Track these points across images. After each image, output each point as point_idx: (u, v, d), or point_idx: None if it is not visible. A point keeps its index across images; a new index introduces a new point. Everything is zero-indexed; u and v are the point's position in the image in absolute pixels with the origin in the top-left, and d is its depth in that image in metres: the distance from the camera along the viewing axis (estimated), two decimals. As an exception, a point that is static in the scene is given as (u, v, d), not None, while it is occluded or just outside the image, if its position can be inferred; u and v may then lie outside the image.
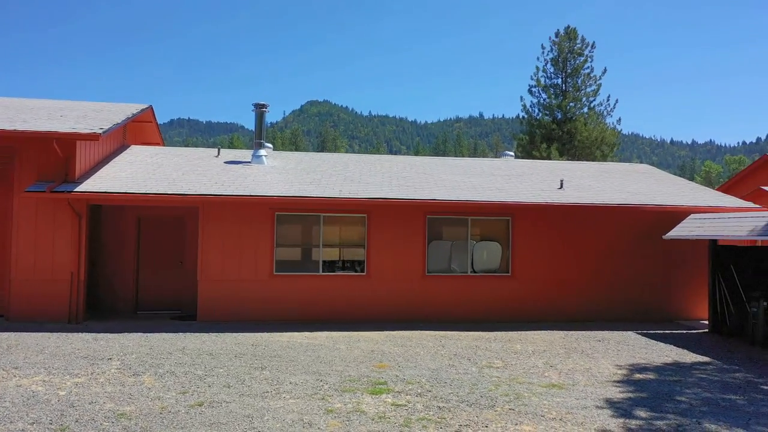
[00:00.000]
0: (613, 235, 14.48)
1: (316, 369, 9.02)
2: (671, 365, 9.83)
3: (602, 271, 14.40)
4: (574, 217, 14.33)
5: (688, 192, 15.70)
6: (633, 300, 14.43)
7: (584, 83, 39.05)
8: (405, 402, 7.39)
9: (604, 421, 6.78)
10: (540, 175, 16.65)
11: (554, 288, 14.23)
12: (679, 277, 14.60)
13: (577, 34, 39.76)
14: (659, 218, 14.26)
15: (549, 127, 38.21)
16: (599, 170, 18.25)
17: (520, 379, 8.65)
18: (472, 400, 7.51)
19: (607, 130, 38.21)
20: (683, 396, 7.92)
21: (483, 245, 14.30)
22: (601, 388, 8.27)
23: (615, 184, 16.04)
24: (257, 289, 13.33)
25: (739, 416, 7.05)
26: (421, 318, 13.70)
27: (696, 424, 6.71)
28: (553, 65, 39.75)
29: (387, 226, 13.79)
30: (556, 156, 35.55)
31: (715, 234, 12.19)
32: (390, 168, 16.57)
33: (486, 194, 14.07)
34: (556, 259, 14.30)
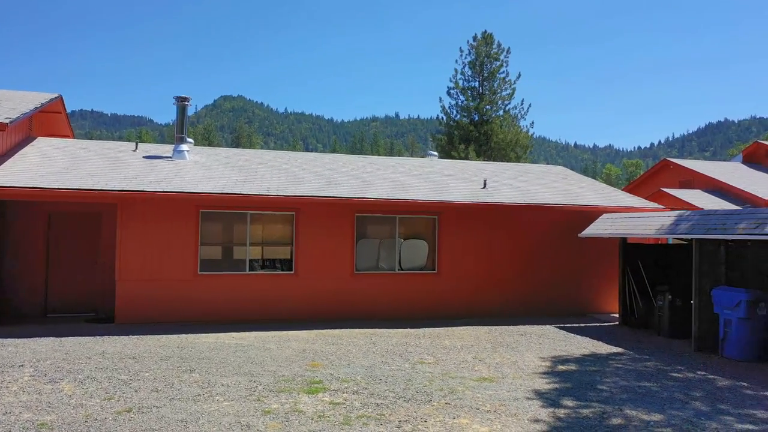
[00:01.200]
0: (533, 233, 15.11)
1: (248, 370, 8.83)
2: (589, 356, 10.39)
3: (523, 268, 14.99)
4: (498, 216, 14.83)
5: (600, 193, 16.65)
6: (551, 295, 15.12)
7: (500, 87, 40.49)
8: (342, 400, 7.38)
9: (536, 412, 7.07)
10: (464, 175, 17.10)
11: (479, 285, 14.67)
12: (593, 273, 15.45)
13: (494, 39, 41.13)
14: (575, 217, 15.02)
15: (467, 128, 39.30)
16: (518, 171, 18.99)
17: (452, 374, 8.85)
18: (409, 396, 7.62)
19: (521, 133, 39.84)
20: (604, 385, 8.39)
21: (410, 243, 14.51)
22: (529, 380, 8.62)
23: (534, 185, 16.75)
24: (181, 288, 12.84)
25: (655, 402, 7.56)
26: (351, 316, 13.71)
27: (618, 411, 7.13)
28: (470, 68, 40.92)
29: (316, 225, 13.68)
30: (474, 157, 36.62)
31: (626, 233, 13.00)
32: (318, 166, 16.46)
33: (414, 193, 14.28)
34: (480, 256, 14.74)
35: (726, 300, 10.42)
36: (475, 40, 41.25)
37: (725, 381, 8.76)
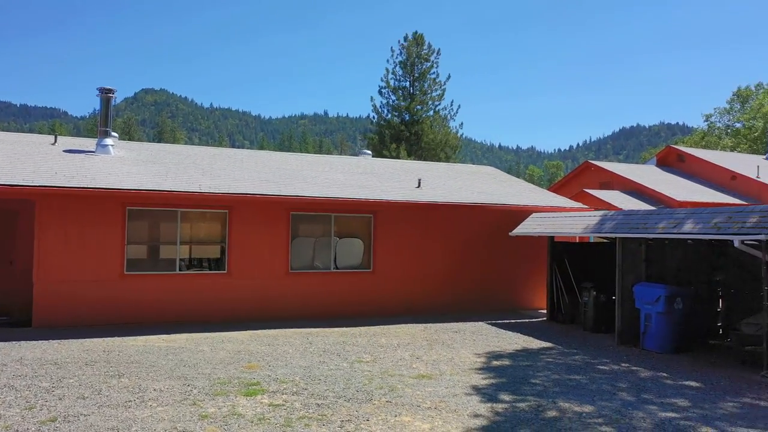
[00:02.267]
0: (466, 232, 15.41)
1: (181, 373, 8.52)
2: (521, 351, 10.71)
3: (457, 266, 15.27)
4: (432, 215, 15.03)
5: (529, 193, 17.21)
6: (483, 292, 15.48)
7: (431, 88, 41.10)
8: (282, 402, 7.25)
9: (475, 407, 7.21)
10: (399, 174, 17.23)
11: (413, 283, 14.81)
12: (522, 270, 15.94)
13: (425, 40, 41.67)
14: (506, 217, 15.44)
15: (398, 128, 39.64)
16: (451, 171, 19.33)
17: (391, 372, 8.89)
18: (349, 395, 7.59)
19: (450, 134, 40.63)
20: (537, 379, 8.67)
21: (346, 242, 14.46)
22: (466, 376, 8.79)
23: (467, 185, 17.10)
24: (106, 290, 12.23)
25: (585, 394, 7.89)
26: (286, 316, 13.50)
27: (552, 404, 7.39)
28: (402, 68, 41.29)
29: (249, 223, 13.39)
30: (405, 156, 36.98)
31: (554, 231, 13.50)
32: (251, 163, 16.11)
33: (349, 192, 14.25)
34: (415, 255, 14.89)
35: (646, 295, 11.01)
36: (406, 41, 41.64)
37: (647, 372, 9.25)
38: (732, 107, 58.99)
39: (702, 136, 61.17)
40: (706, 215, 10.22)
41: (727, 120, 59.05)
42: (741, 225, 9.26)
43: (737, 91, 58.80)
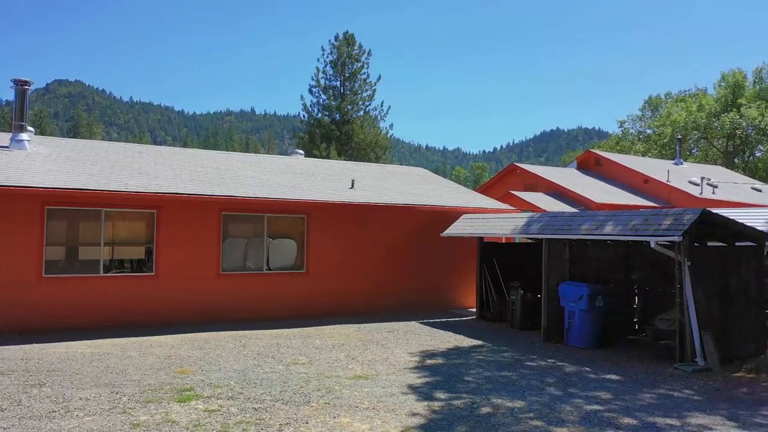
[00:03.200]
0: (399, 232, 15.61)
1: (108, 381, 8.19)
2: (454, 350, 10.98)
3: (389, 267, 15.43)
4: (366, 216, 15.11)
5: (459, 194, 17.63)
6: (416, 292, 15.72)
7: (361, 88, 41.29)
8: (218, 407, 7.12)
9: (412, 406, 7.34)
10: (332, 175, 17.21)
11: (347, 283, 14.85)
12: (453, 270, 16.31)
13: (355, 40, 41.80)
14: (438, 217, 15.75)
15: (328, 127, 39.58)
16: (384, 172, 19.50)
17: (327, 373, 8.90)
18: (287, 398, 7.54)
19: (381, 134, 40.98)
20: (470, 376, 8.92)
21: (279, 242, 14.31)
22: (402, 375, 8.92)
23: (399, 186, 17.31)
24: (22, 294, 11.53)
25: (516, 390, 8.19)
26: (218, 318, 13.20)
27: (486, 400, 7.63)
28: (332, 68, 41.24)
29: (179, 223, 13.00)
30: (335, 156, 36.95)
31: (484, 232, 13.91)
32: (180, 161, 15.64)
33: (282, 192, 14.11)
34: (348, 255, 14.92)
35: (570, 294, 11.54)
36: (337, 40, 41.63)
37: (572, 367, 9.71)
38: (644, 114, 62.62)
39: (617, 141, 64.54)
40: (625, 218, 10.84)
41: (639, 126, 62.63)
42: (657, 227, 9.89)
43: (648, 100, 62.49)
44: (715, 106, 53.69)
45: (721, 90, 56.86)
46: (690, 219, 9.57)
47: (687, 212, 9.95)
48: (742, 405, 7.62)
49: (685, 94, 60.86)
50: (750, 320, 10.62)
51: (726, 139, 51.77)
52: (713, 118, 51.92)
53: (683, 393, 8.18)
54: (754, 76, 56.38)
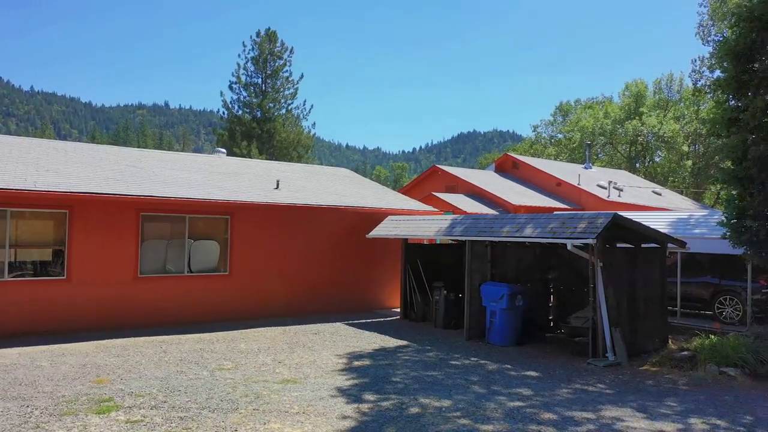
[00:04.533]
0: (325, 233, 15.57)
1: (17, 393, 7.70)
2: (380, 350, 11.10)
3: (315, 268, 15.36)
4: (292, 217, 14.97)
5: (384, 196, 17.80)
6: (341, 293, 15.75)
7: (283, 86, 40.74)
8: (140, 417, 6.87)
9: (342, 409, 7.38)
10: (256, 175, 16.91)
11: (272, 285, 14.65)
12: (379, 271, 16.46)
13: (278, 37, 41.20)
14: (363, 219, 15.85)
15: (249, 125, 38.80)
16: (309, 172, 19.38)
17: (254, 378, 8.77)
18: (214, 406, 7.38)
19: (303, 133, 40.63)
20: (397, 377, 9.06)
21: (201, 244, 13.90)
22: (330, 378, 8.93)
23: (325, 186, 17.26)
24: None
25: (442, 389, 8.41)
26: (137, 324, 12.65)
27: (414, 400, 7.79)
28: (254, 64, 40.44)
29: (93, 224, 12.36)
30: (256, 154, 36.30)
31: (409, 234, 14.13)
32: (94, 158, 14.86)
33: (205, 192, 13.73)
34: (273, 257, 14.73)
35: (492, 294, 11.96)
36: (258, 36, 40.87)
37: (494, 365, 10.07)
38: (555, 119, 65.67)
39: (530, 144, 67.30)
40: (544, 221, 11.36)
41: (551, 131, 65.62)
42: (572, 230, 10.43)
43: (559, 106, 65.59)
44: (619, 114, 57.11)
45: (625, 99, 60.59)
46: (603, 223, 10.17)
47: (600, 216, 10.56)
48: (648, 396, 8.19)
49: (593, 102, 64.39)
50: (654, 317, 11.42)
51: (629, 144, 55.17)
52: (618, 125, 55.20)
53: (596, 387, 8.68)
54: (654, 87, 60.45)
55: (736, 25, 10.62)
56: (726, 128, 10.66)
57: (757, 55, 10.30)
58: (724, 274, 14.00)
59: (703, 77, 32.51)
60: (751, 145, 10.06)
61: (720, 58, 10.82)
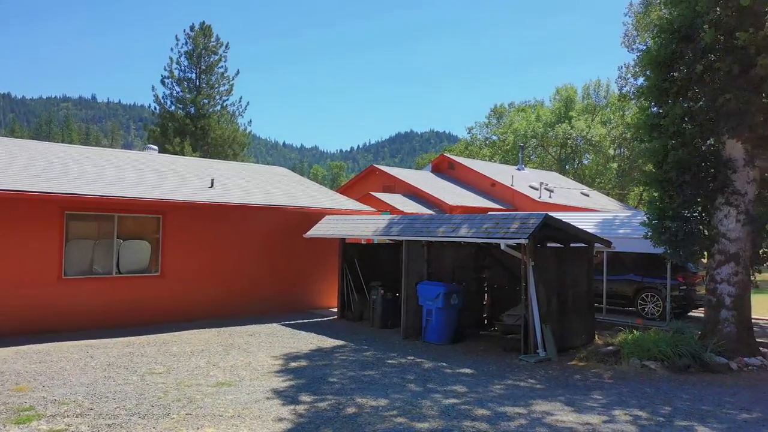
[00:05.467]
0: (261, 233, 15.34)
1: (-73, 404, 7.20)
2: (317, 351, 11.05)
3: (251, 268, 15.10)
4: (227, 216, 14.67)
5: (322, 195, 17.72)
6: (278, 294, 15.55)
7: (218, 82, 39.79)
8: (64, 426, 6.58)
9: (278, 411, 7.30)
10: (190, 173, 16.46)
11: (206, 286, 14.30)
12: (316, 271, 16.37)
13: (213, 31, 40.19)
14: (301, 218, 15.71)
15: (182, 121, 37.68)
16: (245, 171, 19.02)
17: (187, 382, 8.55)
18: (144, 412, 7.15)
19: (239, 131, 39.86)
20: (334, 377, 9.05)
21: (131, 244, 13.40)
22: (266, 380, 8.82)
23: (261, 185, 17.00)
24: None
25: (379, 388, 8.46)
26: (60, 327, 12.04)
27: (351, 401, 7.80)
28: (187, 59, 39.31)
29: (12, 223, 11.69)
30: (190, 151, 35.31)
31: (347, 234, 14.13)
32: (13, 154, 14.05)
33: (135, 190, 13.25)
34: (208, 257, 14.38)
35: (428, 293, 12.12)
36: (192, 30, 39.77)
37: (430, 363, 10.21)
38: (490, 122, 67.25)
39: (466, 145, 68.63)
40: (478, 221, 11.61)
41: (485, 132, 67.16)
42: (506, 230, 10.72)
43: (494, 108, 67.22)
44: (550, 117, 59.14)
45: (555, 103, 62.81)
46: (534, 223, 10.50)
47: (532, 217, 10.90)
48: (576, 390, 8.52)
49: (526, 105, 66.37)
50: (582, 313, 11.89)
51: (559, 147, 57.19)
52: (549, 128, 57.14)
53: (528, 383, 8.96)
54: (582, 92, 62.92)
55: (657, 36, 11.20)
56: (648, 133, 11.23)
57: (676, 65, 10.89)
58: (646, 272, 14.75)
59: (628, 84, 34.17)
60: (671, 150, 10.63)
61: (643, 67, 11.38)
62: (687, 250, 10.84)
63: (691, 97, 10.90)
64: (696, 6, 10.48)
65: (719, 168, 10.59)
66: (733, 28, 10.22)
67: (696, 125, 10.75)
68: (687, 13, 10.65)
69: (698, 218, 11.02)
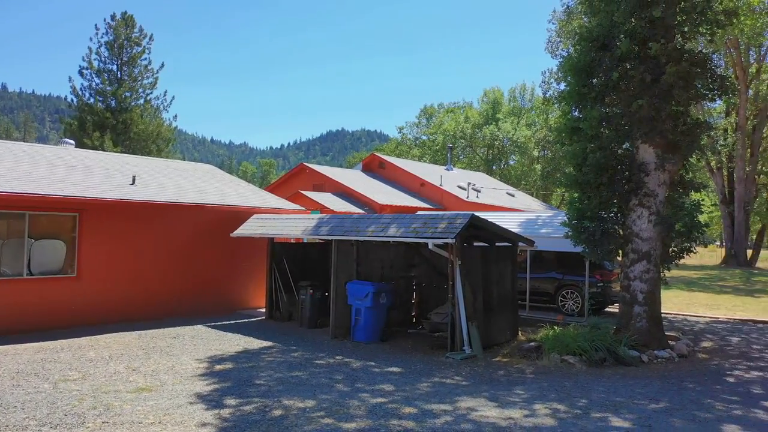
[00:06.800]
0: (186, 232, 14.86)
1: None
2: (243, 353, 10.83)
3: (175, 268, 14.60)
4: (150, 215, 14.11)
5: (250, 193, 17.37)
6: (204, 294, 15.12)
7: (142, 74, 38.24)
8: (-34, 440, 6.14)
9: (201, 416, 7.11)
10: (109, 169, 15.72)
11: (127, 288, 13.70)
12: (244, 270, 16.03)
13: (135, 22, 38.61)
14: (228, 217, 15.34)
15: (102, 114, 35.97)
16: (168, 167, 18.37)
17: (104, 389, 8.18)
18: (57, 421, 6.79)
19: (163, 126, 38.50)
20: (260, 379, 8.90)
21: (44, 244, 12.66)
22: (189, 384, 8.56)
23: (186, 183, 16.47)
24: None
25: (307, 389, 8.39)
26: (-40, 333, 11.25)
27: (278, 403, 7.69)
28: (108, 49, 37.56)
29: None
30: (111, 146, 33.80)
31: (275, 233, 13.92)
32: None
33: (49, 187, 12.53)
34: (128, 257, 13.78)
35: (357, 292, 12.13)
36: (113, 20, 38.04)
37: (358, 363, 10.22)
38: (420, 122, 68.17)
39: (396, 145, 69.29)
40: (407, 221, 11.73)
41: (416, 132, 68.01)
42: (434, 230, 10.88)
43: (424, 109, 68.19)
44: (478, 119, 60.59)
45: (483, 105, 64.41)
46: (461, 223, 10.71)
47: (459, 216, 11.11)
48: (500, 386, 8.77)
49: (455, 106, 67.69)
50: (506, 311, 12.24)
51: (487, 148, 58.70)
52: (477, 129, 58.54)
53: (454, 380, 9.13)
54: (509, 95, 64.83)
55: (578, 44, 11.69)
56: (569, 137, 11.70)
57: (595, 72, 11.41)
58: (566, 270, 15.36)
59: (552, 88, 35.57)
60: (590, 153, 11.13)
61: (564, 73, 11.84)
62: (604, 249, 11.37)
63: (608, 102, 11.44)
64: (613, 16, 11.01)
65: (633, 171, 11.18)
66: (646, 38, 10.81)
67: (612, 130, 11.30)
68: (605, 23, 11.18)
69: (614, 219, 11.59)
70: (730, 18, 11.00)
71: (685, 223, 11.07)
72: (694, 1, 10.90)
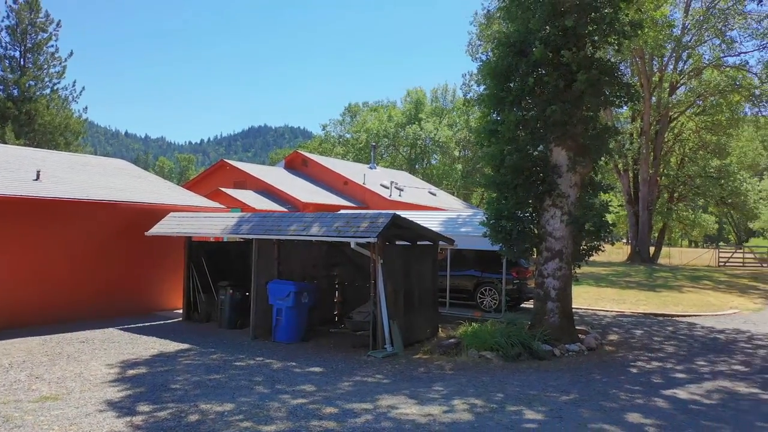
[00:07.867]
0: (96, 231, 14.11)
1: None
2: (158, 356, 10.43)
3: (83, 269, 13.83)
4: (55, 213, 13.28)
5: (166, 191, 16.73)
6: (116, 296, 14.41)
7: (48, 62, 36.00)
8: None
9: (111, 424, 6.80)
10: (10, 164, 14.67)
11: (30, 290, 12.83)
12: (160, 270, 15.41)
13: (41, 6, 36.29)
14: (142, 215, 14.69)
15: (3, 104, 33.58)
16: (77, 163, 17.37)
17: (3, 399, 7.66)
18: (-53, 436, 6.28)
19: (72, 117, 36.43)
20: (177, 384, 8.60)
21: (-67, 244, 11.68)
22: (99, 391, 8.16)
23: (96, 179, 15.65)
24: None
25: (225, 392, 8.19)
26: None
27: (194, 407, 7.46)
28: (9, 34, 35.11)
29: None
30: (13, 139, 31.61)
31: (194, 232, 13.49)
32: None
33: (-60, 182, 11.56)
34: (32, 258, 12.91)
35: (279, 292, 11.96)
36: (16, 3, 35.57)
37: (279, 363, 10.08)
38: (344, 120, 68.07)
39: (320, 142, 68.93)
40: (329, 220, 11.68)
41: (339, 130, 67.87)
42: (356, 229, 10.90)
43: (348, 107, 68.14)
44: (401, 118, 61.26)
45: (406, 104, 65.19)
46: (383, 222, 10.79)
47: (381, 216, 11.18)
48: (420, 383, 8.90)
49: (378, 105, 68.11)
50: (427, 308, 12.44)
51: (410, 147, 59.45)
52: (400, 128, 59.18)
53: (375, 378, 9.19)
54: (431, 95, 65.95)
55: (497, 49, 12.05)
56: (488, 138, 12.04)
57: (512, 76, 11.80)
58: (484, 268, 15.80)
59: (472, 90, 36.49)
60: (507, 155, 11.50)
61: (484, 76, 12.17)
62: (520, 248, 11.80)
63: (525, 106, 11.87)
64: (529, 24, 11.42)
65: (547, 173, 11.65)
66: (559, 46, 11.29)
67: (528, 133, 11.74)
68: (522, 30, 11.58)
69: (530, 218, 12.04)
70: (635, 29, 11.65)
71: (594, 223, 11.65)
72: (603, 13, 11.49)
